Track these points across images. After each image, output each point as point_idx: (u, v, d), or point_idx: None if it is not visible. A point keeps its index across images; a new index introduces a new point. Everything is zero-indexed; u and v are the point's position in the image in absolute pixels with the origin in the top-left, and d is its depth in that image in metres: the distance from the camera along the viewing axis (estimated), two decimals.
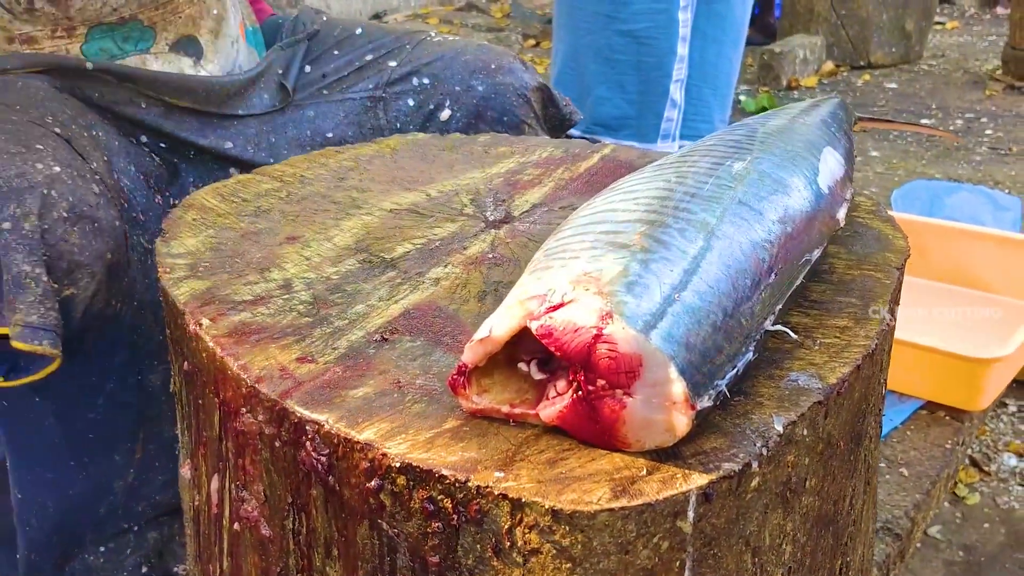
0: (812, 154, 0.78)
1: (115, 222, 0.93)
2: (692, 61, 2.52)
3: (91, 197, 0.91)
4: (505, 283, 0.78)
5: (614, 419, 0.54)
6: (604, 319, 0.53)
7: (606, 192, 0.73)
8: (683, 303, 0.56)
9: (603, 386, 0.54)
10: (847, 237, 0.86)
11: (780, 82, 3.89)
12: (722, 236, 0.63)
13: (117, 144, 1.06)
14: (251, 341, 0.68)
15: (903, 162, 3.05)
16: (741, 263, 0.62)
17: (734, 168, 0.71)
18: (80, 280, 0.88)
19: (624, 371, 0.53)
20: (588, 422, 0.55)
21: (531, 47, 4.69)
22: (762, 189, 0.69)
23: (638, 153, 1.09)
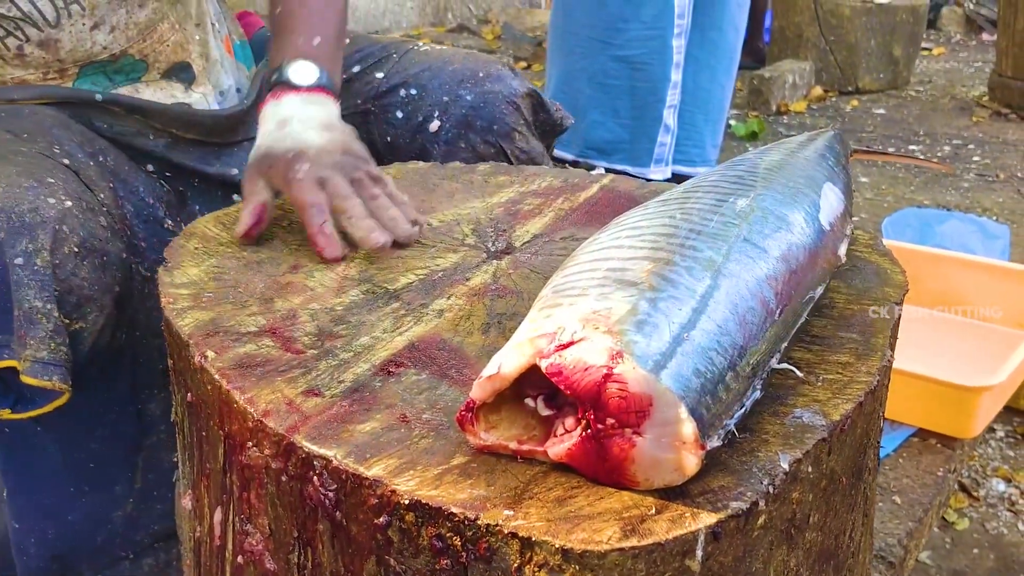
0: (813, 190, 0.79)
1: (122, 254, 0.94)
2: (685, 87, 2.54)
3: (100, 230, 0.91)
4: (508, 315, 0.78)
5: (623, 458, 0.55)
6: (614, 358, 0.54)
7: (611, 227, 0.74)
8: (692, 342, 0.57)
9: (612, 425, 0.54)
10: (846, 271, 0.87)
11: (770, 107, 3.92)
12: (729, 274, 0.63)
13: (127, 169, 1.06)
14: (257, 374, 0.68)
15: (892, 188, 3.08)
16: (748, 301, 0.63)
17: (738, 205, 0.72)
18: (89, 314, 0.89)
19: (634, 411, 0.53)
20: (597, 460, 0.55)
21: (522, 69, 4.72)
22: (766, 227, 0.70)
23: (637, 184, 1.09)
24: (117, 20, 1.10)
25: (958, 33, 5.81)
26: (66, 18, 1.06)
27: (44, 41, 1.06)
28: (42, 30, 1.05)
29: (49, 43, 1.06)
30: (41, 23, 1.05)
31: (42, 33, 1.05)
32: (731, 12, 2.62)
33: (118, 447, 1.03)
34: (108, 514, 1.04)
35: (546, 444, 0.58)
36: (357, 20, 5.17)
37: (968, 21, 5.85)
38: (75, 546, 1.04)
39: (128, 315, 0.97)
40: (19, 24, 1.04)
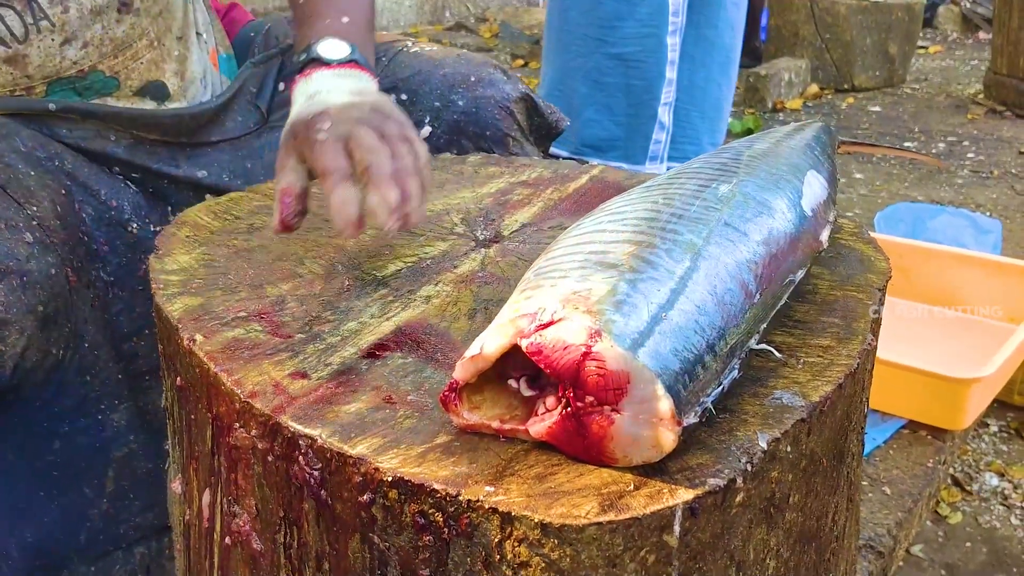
0: (796, 177, 0.80)
1: (50, 270, 0.91)
2: (680, 85, 2.55)
3: (21, 249, 0.89)
4: (495, 301, 0.79)
5: (602, 435, 0.56)
6: (593, 337, 0.55)
7: (595, 213, 0.75)
8: (670, 321, 0.58)
9: (591, 403, 0.55)
10: (830, 259, 0.88)
11: (766, 104, 3.93)
12: (708, 257, 0.64)
13: (87, 171, 1.04)
14: (244, 357, 0.69)
15: (886, 184, 3.09)
16: (727, 283, 0.63)
17: (720, 190, 0.73)
18: (8, 337, 0.87)
19: (612, 388, 0.54)
20: (577, 438, 0.57)
21: (520, 67, 4.73)
22: (747, 211, 0.71)
23: (626, 174, 1.10)
24: (91, 35, 1.07)
25: (954, 31, 5.83)
26: (35, 33, 1.03)
27: (11, 57, 1.03)
28: (9, 46, 1.02)
29: (17, 59, 1.04)
30: (8, 39, 1.02)
31: (9, 49, 1.03)
32: (727, 10, 2.63)
33: (80, 458, 1.01)
34: (84, 513, 1.04)
35: (527, 423, 0.59)
36: None
37: (964, 19, 5.87)
38: (58, 544, 1.04)
39: (71, 329, 0.94)
40: None
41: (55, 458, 1.01)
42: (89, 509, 1.04)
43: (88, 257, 0.98)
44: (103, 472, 1.03)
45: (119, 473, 1.04)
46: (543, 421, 0.58)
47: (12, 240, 0.89)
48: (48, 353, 0.92)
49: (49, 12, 1.03)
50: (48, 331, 0.91)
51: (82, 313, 0.96)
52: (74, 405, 1.00)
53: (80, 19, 1.05)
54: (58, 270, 0.92)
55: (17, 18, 1.02)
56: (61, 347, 0.94)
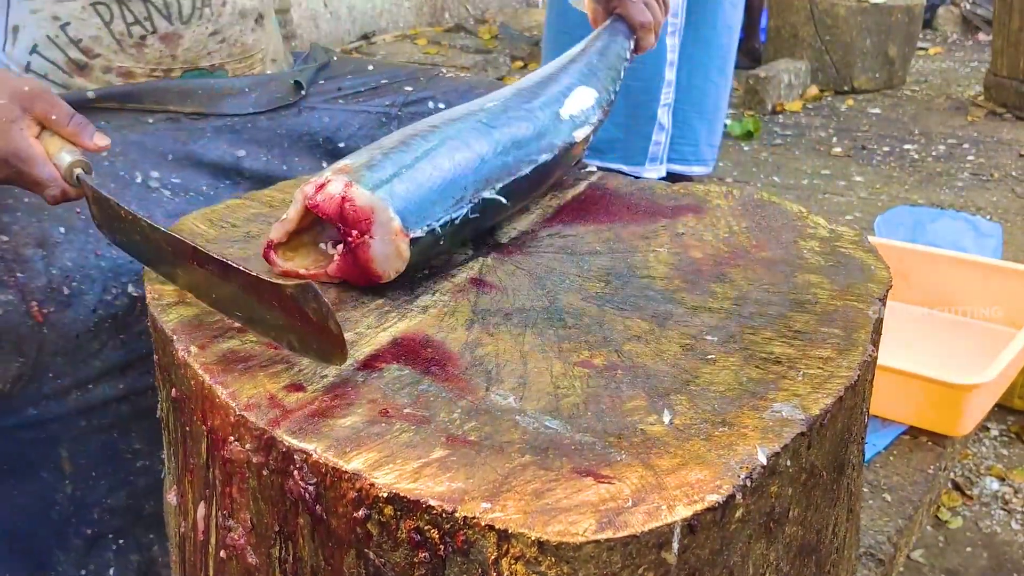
0: (562, 94, 1.04)
1: None
2: (680, 86, 2.54)
3: None
4: (492, 311, 0.79)
5: (367, 259, 0.78)
6: (347, 187, 0.78)
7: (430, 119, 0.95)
8: (407, 174, 0.81)
9: (356, 236, 0.77)
10: (830, 267, 0.87)
11: (765, 106, 3.93)
12: (454, 137, 0.87)
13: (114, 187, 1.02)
14: (239, 369, 0.69)
15: (886, 187, 3.08)
16: (464, 153, 0.86)
17: (487, 104, 0.97)
18: None
19: (363, 219, 0.77)
20: (355, 269, 0.78)
21: (519, 69, 4.72)
22: (501, 116, 0.94)
23: (625, 181, 1.10)
24: (231, 34, 1.14)
25: (954, 33, 5.82)
26: (196, 18, 1.10)
27: (169, 35, 1.09)
28: (172, 24, 1.09)
29: (172, 38, 1.10)
30: (175, 17, 1.09)
31: (171, 27, 1.09)
32: (725, 11, 2.62)
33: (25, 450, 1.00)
34: (50, 495, 1.02)
35: (327, 267, 0.80)
36: (354, 20, 5.17)
37: (964, 21, 5.86)
38: (32, 526, 1.03)
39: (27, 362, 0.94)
40: (151, 14, 1.07)
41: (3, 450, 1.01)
42: (53, 492, 1.04)
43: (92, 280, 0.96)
44: (55, 456, 1.03)
45: (73, 453, 1.03)
46: (333, 262, 0.79)
47: None
48: None
49: (213, 3, 1.12)
50: None
51: (51, 346, 0.95)
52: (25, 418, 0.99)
53: (231, 16, 1.14)
54: (12, 308, 0.92)
55: (190, 2, 1.09)
56: (8, 381, 0.93)
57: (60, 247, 0.96)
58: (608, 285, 0.83)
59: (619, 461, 0.59)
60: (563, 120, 1.03)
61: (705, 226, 0.96)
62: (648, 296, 0.81)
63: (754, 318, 0.78)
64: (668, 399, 0.66)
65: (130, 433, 1.04)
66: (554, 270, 0.86)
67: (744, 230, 0.95)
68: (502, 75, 4.44)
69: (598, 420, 0.63)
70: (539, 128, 0.99)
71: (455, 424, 0.63)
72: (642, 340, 0.74)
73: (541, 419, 0.64)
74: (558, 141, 1.01)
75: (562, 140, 1.01)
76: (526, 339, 0.74)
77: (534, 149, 0.96)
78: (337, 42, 5.03)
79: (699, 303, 0.80)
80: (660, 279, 0.84)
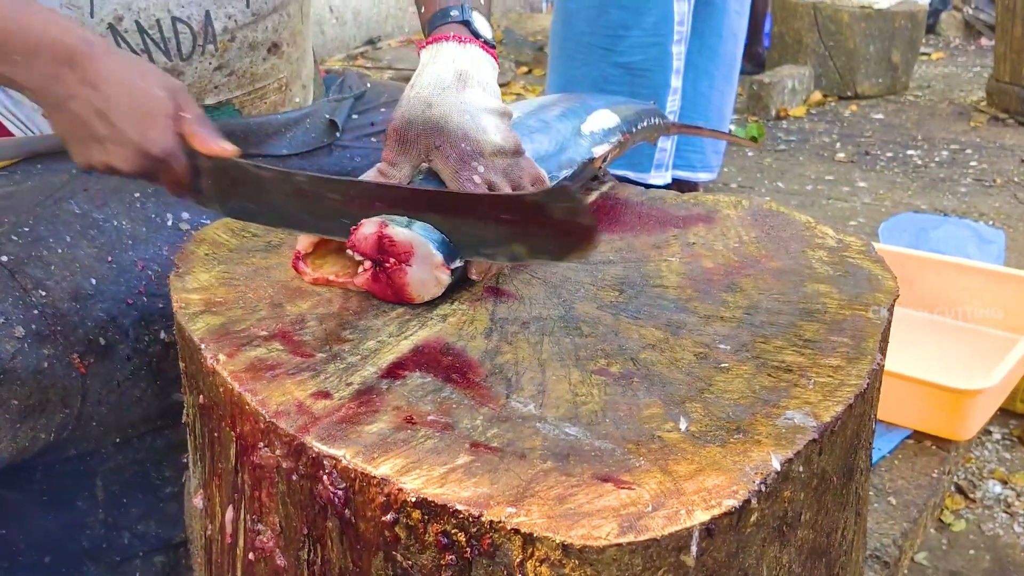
0: (586, 112, 1.10)
1: (42, 364, 0.91)
2: (685, 93, 2.56)
3: (6, 345, 0.88)
4: (510, 319, 0.81)
5: (402, 282, 0.82)
6: (382, 227, 0.81)
7: None
8: None
9: (393, 263, 0.81)
10: (838, 277, 0.89)
11: (769, 112, 3.95)
12: None
13: (145, 231, 1.02)
14: (267, 377, 0.71)
15: (889, 193, 3.10)
16: None
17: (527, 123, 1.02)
18: None
19: (402, 252, 0.81)
20: (386, 286, 0.82)
21: (523, 74, 4.74)
22: (522, 130, 0.97)
23: (636, 191, 1.12)
24: (239, 67, 1.11)
25: (957, 38, 5.84)
26: (198, 55, 1.06)
27: (168, 71, 1.04)
28: (171, 60, 1.05)
29: (172, 74, 1.04)
30: (174, 53, 1.05)
31: (170, 63, 1.05)
32: (730, 19, 2.64)
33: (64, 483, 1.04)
34: (82, 521, 1.05)
35: (354, 278, 0.83)
36: (359, 24, 5.20)
37: (967, 26, 5.88)
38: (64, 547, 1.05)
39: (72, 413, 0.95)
40: (148, 48, 1.03)
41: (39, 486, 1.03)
42: (86, 517, 1.06)
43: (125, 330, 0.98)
44: (91, 485, 1.05)
45: (107, 482, 1.05)
46: (362, 276, 0.83)
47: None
48: (36, 439, 0.93)
49: (218, 39, 1.07)
50: (32, 420, 0.92)
51: (94, 395, 0.96)
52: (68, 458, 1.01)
53: (239, 51, 1.10)
54: (56, 361, 0.92)
55: (190, 38, 1.05)
56: (53, 431, 0.94)
57: (93, 299, 0.96)
58: (622, 294, 0.86)
59: (638, 467, 0.61)
60: (583, 135, 1.06)
61: (715, 236, 0.98)
62: (661, 305, 0.83)
63: (765, 327, 0.80)
64: (684, 407, 0.68)
65: (162, 463, 1.06)
66: (569, 279, 0.89)
67: (754, 240, 0.97)
68: (507, 80, 4.46)
69: (616, 427, 0.66)
70: (560, 143, 1.02)
71: (478, 431, 0.65)
72: (657, 348, 0.76)
73: (561, 426, 0.66)
74: (577, 157, 1.03)
75: (581, 156, 1.04)
76: (544, 347, 0.76)
77: (554, 165, 0.98)
78: (343, 47, 5.06)
79: (711, 312, 0.82)
80: (672, 288, 0.87)
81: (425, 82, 0.91)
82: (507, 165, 0.89)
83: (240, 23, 1.09)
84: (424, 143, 0.88)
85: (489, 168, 0.87)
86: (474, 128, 0.88)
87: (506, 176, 0.89)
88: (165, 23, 1.03)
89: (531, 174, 0.91)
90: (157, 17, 1.03)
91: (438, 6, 0.99)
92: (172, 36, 1.04)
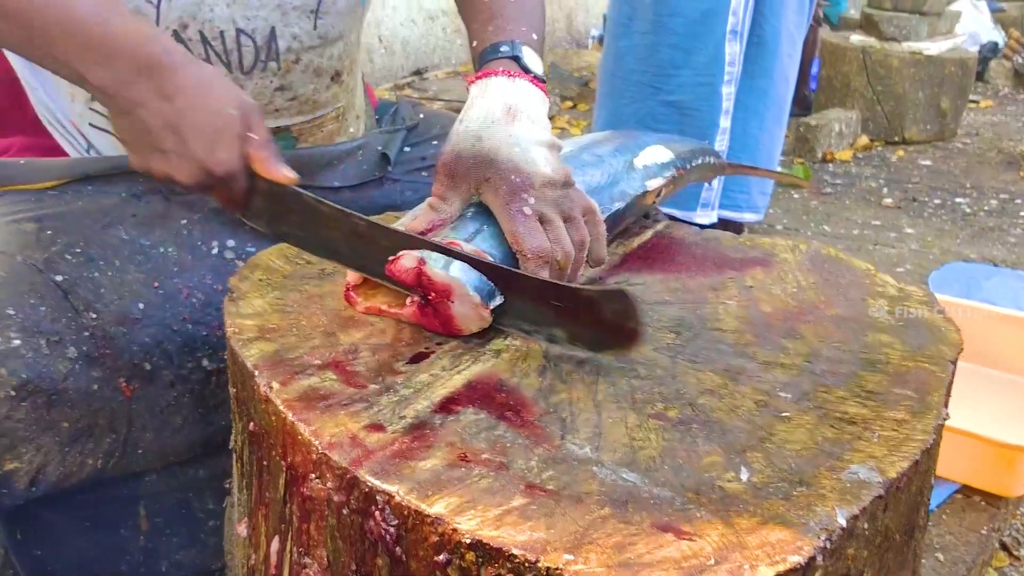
0: (639, 147, 1.11)
1: (91, 386, 0.91)
2: (734, 134, 2.55)
3: (60, 366, 0.88)
4: (564, 357, 0.80)
5: (449, 315, 0.82)
6: (420, 264, 0.81)
7: None
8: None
9: (436, 296, 0.81)
10: (900, 327, 0.87)
11: (815, 154, 3.92)
12: None
13: (191, 259, 1.01)
14: (320, 407, 0.70)
15: (938, 241, 3.06)
16: None
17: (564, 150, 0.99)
18: (24, 454, 0.88)
19: (441, 291, 0.80)
20: (434, 318, 0.82)
21: (568, 109, 4.76)
22: (574, 162, 1.00)
23: (692, 231, 1.10)
24: (302, 91, 1.10)
25: (1006, 86, 5.78)
26: (260, 71, 1.05)
27: None
28: (232, 72, 1.04)
29: None
30: (235, 66, 1.04)
31: (231, 75, 1.03)
32: (781, 62, 2.63)
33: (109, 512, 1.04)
34: (124, 547, 1.04)
35: (403, 309, 0.84)
36: (408, 55, 5.25)
37: (1016, 75, 5.82)
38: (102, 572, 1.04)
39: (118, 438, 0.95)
40: (211, 60, 1.02)
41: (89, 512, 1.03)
42: (128, 544, 1.05)
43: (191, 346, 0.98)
44: (135, 514, 1.04)
45: (150, 511, 1.05)
46: (410, 307, 0.83)
47: (51, 357, 0.88)
48: (83, 464, 0.93)
49: (282, 57, 1.06)
50: (81, 444, 0.91)
51: (140, 421, 0.96)
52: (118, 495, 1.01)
53: (303, 74, 1.09)
54: (104, 384, 0.92)
55: (253, 52, 1.04)
56: (101, 457, 0.94)
57: (140, 324, 0.96)
58: (679, 336, 0.84)
59: (699, 518, 0.59)
60: (636, 169, 1.06)
61: (773, 280, 0.97)
62: (719, 349, 0.82)
63: (826, 376, 0.78)
64: (744, 456, 0.66)
65: (204, 493, 1.05)
66: None
67: (812, 285, 0.95)
68: (552, 114, 4.47)
69: (675, 475, 0.64)
70: (612, 176, 1.02)
71: (533, 472, 0.64)
72: (716, 394, 0.74)
73: (618, 471, 0.64)
74: (630, 190, 1.03)
75: (634, 189, 1.04)
76: (599, 388, 0.75)
77: (606, 197, 0.98)
78: (390, 76, 5.10)
79: (771, 358, 0.81)
80: (731, 332, 0.85)
81: (474, 116, 0.90)
82: (558, 196, 0.88)
83: (305, 44, 1.08)
84: (474, 177, 0.88)
85: (540, 200, 0.87)
86: (524, 160, 0.87)
87: (557, 207, 0.88)
88: (229, 35, 1.02)
89: (582, 205, 0.90)
90: (221, 29, 1.02)
91: (489, 41, 0.99)
92: (235, 48, 1.03)
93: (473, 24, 1.04)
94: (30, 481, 0.90)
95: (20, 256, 0.94)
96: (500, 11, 1.02)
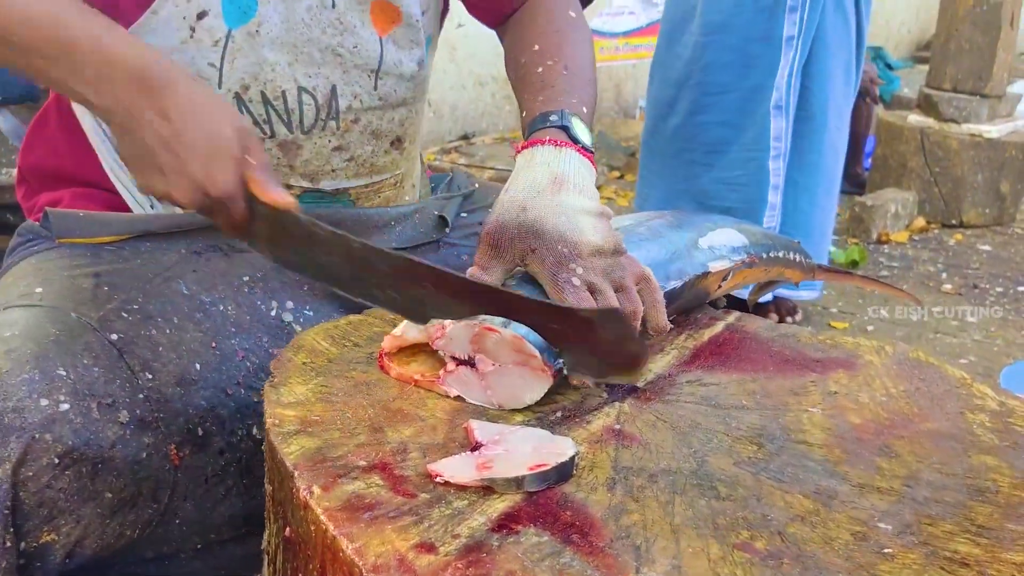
0: (709, 228, 1.05)
1: (140, 454, 0.85)
2: (785, 210, 2.48)
3: (109, 432, 0.83)
4: (635, 470, 0.72)
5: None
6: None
7: None
8: None
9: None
10: (1007, 448, 0.78)
11: (870, 235, 3.82)
12: None
13: (248, 319, 0.98)
14: (365, 519, 0.63)
15: (1001, 331, 2.93)
16: None
17: (623, 223, 1.01)
18: (62, 527, 0.81)
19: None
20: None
21: (615, 179, 4.71)
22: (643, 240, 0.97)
23: (765, 325, 1.03)
24: (360, 153, 1.09)
25: None
26: (319, 130, 1.05)
27: (287, 143, 1.04)
28: (292, 132, 1.03)
29: (291, 147, 1.04)
30: (295, 125, 1.03)
31: (291, 135, 1.04)
32: (830, 135, 2.57)
33: None
34: None
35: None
36: (456, 119, 5.26)
37: None
38: None
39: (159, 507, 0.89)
40: (271, 118, 1.02)
41: None
42: None
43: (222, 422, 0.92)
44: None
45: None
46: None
47: (102, 422, 0.83)
48: (121, 536, 0.86)
49: (342, 116, 1.06)
50: (122, 515, 0.85)
51: (183, 490, 0.90)
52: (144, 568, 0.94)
53: (361, 135, 1.08)
54: (154, 451, 0.86)
55: (314, 110, 1.04)
56: (139, 527, 0.88)
57: (196, 385, 0.91)
58: (761, 449, 0.76)
59: None
60: (700, 248, 1.01)
61: (859, 385, 0.88)
62: (807, 467, 0.73)
63: (930, 504, 0.69)
64: None
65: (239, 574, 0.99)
66: (699, 425, 0.79)
67: (903, 394, 0.87)
68: (599, 184, 4.43)
69: None
70: (672, 252, 0.97)
71: None
72: (807, 522, 0.66)
73: None
74: (690, 269, 0.98)
75: (694, 269, 0.98)
76: (675, 509, 0.67)
77: (661, 274, 0.92)
78: (438, 140, 5.11)
79: (865, 480, 0.72)
80: (818, 447, 0.77)
81: (520, 186, 0.88)
82: (607, 265, 0.84)
83: (365, 104, 1.07)
84: (519, 247, 0.85)
85: (589, 269, 0.83)
86: (571, 229, 0.84)
87: (607, 276, 0.84)
88: (291, 93, 1.02)
89: (635, 273, 0.86)
90: (283, 88, 1.02)
91: (538, 111, 0.96)
92: (296, 107, 1.03)
93: (524, 95, 1.03)
94: (66, 554, 0.83)
95: (75, 313, 0.89)
96: (552, 82, 1.00)
